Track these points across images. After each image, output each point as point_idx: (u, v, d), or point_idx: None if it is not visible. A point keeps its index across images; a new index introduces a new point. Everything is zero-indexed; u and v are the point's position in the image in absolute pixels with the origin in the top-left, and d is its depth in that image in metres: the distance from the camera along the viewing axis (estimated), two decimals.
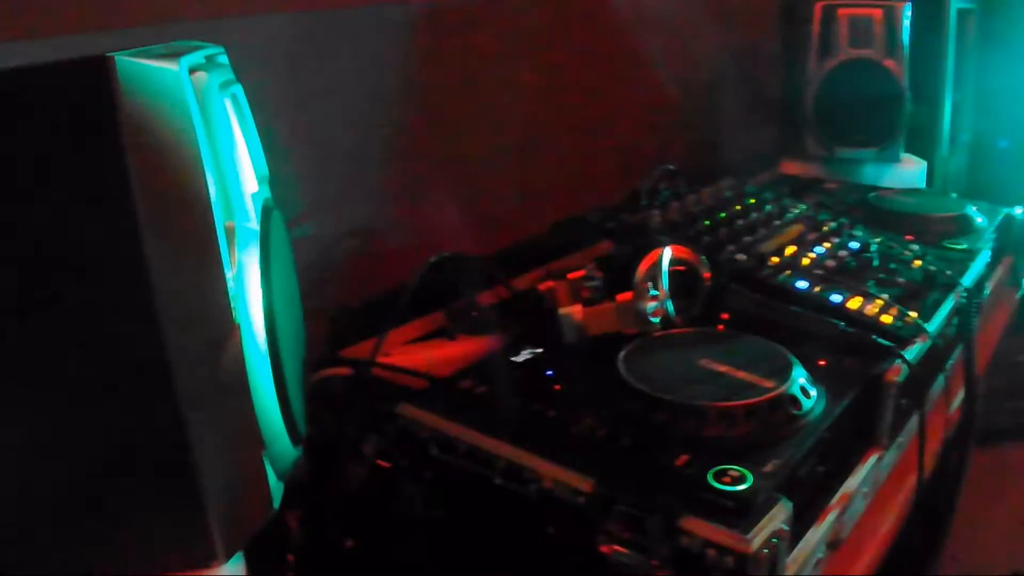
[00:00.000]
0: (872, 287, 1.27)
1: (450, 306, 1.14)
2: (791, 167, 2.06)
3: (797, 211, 1.54)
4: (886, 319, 1.18)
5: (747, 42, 2.11)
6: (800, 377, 0.81)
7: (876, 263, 1.35)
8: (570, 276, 1.17)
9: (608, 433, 0.75)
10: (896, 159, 1.88)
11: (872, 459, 0.93)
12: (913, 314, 1.20)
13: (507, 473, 0.71)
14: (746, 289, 1.18)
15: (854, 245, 1.42)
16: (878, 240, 1.45)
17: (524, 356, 0.97)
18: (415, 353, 1.06)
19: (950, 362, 1.17)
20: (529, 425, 0.76)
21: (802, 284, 1.24)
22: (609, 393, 0.81)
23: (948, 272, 1.35)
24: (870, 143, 1.87)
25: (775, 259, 1.32)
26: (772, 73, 2.07)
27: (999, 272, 1.48)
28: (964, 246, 1.38)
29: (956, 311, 1.26)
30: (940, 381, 1.24)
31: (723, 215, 1.45)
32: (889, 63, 1.75)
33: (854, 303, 1.20)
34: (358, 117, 1.12)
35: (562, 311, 1.12)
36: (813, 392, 0.81)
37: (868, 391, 0.92)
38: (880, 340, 1.09)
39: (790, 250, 1.36)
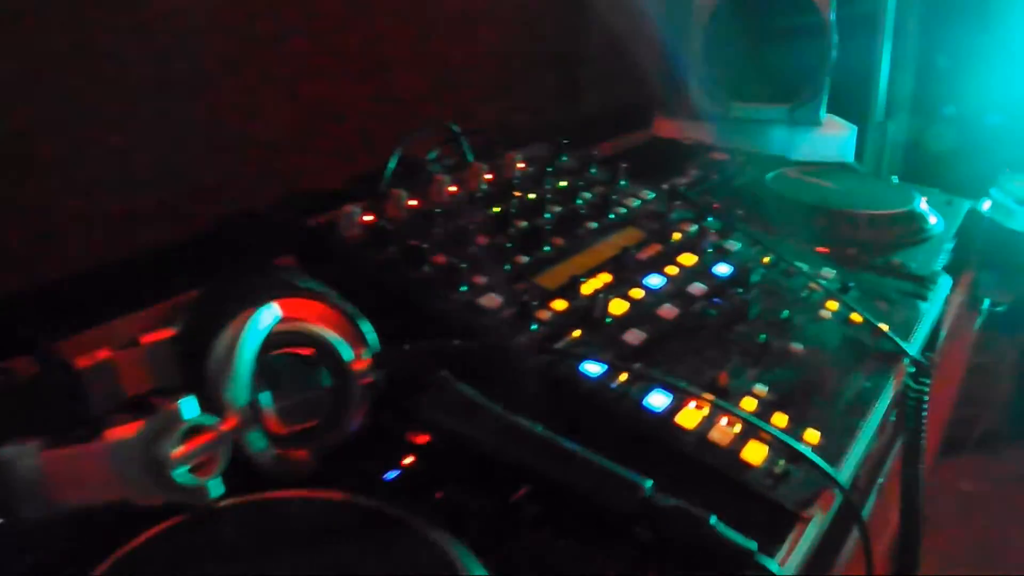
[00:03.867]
0: (738, 373, 0.63)
1: None
2: (666, 128, 1.55)
3: (635, 203, 0.88)
4: (752, 456, 0.54)
5: None
6: None
7: (755, 310, 0.70)
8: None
9: None
10: (815, 121, 1.42)
11: None
12: (812, 438, 0.57)
13: None
14: (464, 388, 0.53)
15: (722, 271, 0.77)
16: (767, 259, 0.81)
17: None
18: None
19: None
20: None
21: (594, 368, 0.58)
22: None
23: (885, 328, 0.72)
24: (778, 98, 1.41)
25: (560, 303, 0.66)
26: None
27: (957, 295, 0.87)
28: (912, 266, 0.94)
29: (897, 403, 0.65)
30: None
31: (497, 209, 0.78)
32: None
33: (689, 417, 0.56)
34: None
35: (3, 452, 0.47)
36: None
37: None
38: (733, 536, 0.44)
39: (597, 283, 0.70)
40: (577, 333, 0.65)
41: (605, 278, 0.74)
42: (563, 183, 0.92)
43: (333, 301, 0.55)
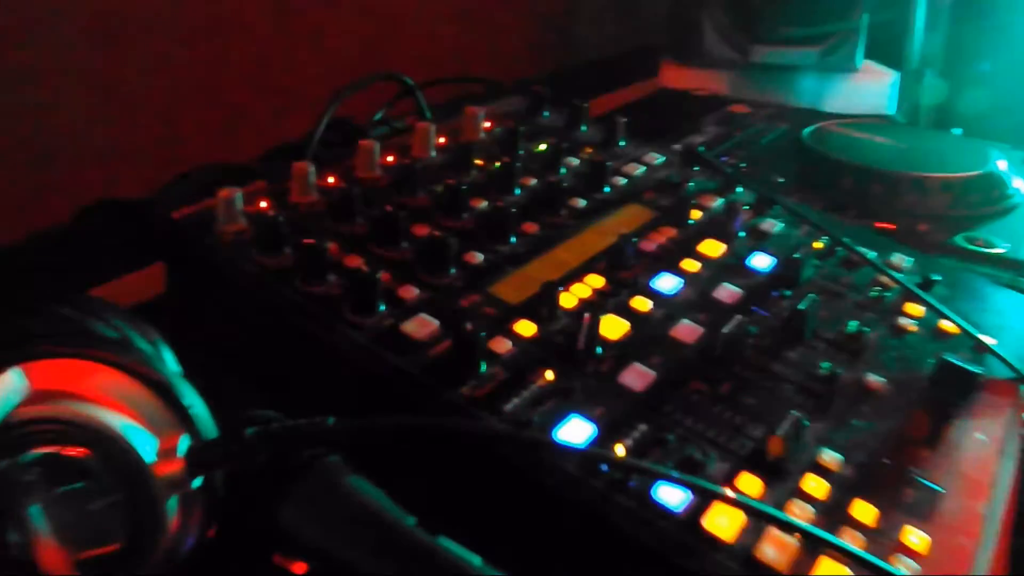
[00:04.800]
0: (795, 432, 0.39)
1: None
2: (676, 76, 1.29)
3: (639, 171, 0.65)
4: None
5: None
6: None
7: (812, 323, 0.47)
8: None
9: None
10: (850, 67, 1.20)
11: None
12: (920, 544, 0.36)
13: None
14: (356, 485, 0.31)
15: (761, 264, 0.54)
16: (819, 244, 0.58)
17: None
18: None
19: None
20: None
21: (576, 434, 0.35)
22: None
23: (990, 342, 0.49)
24: (807, 40, 1.18)
25: (527, 327, 0.43)
26: None
27: None
28: (1004, 246, 0.72)
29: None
30: None
31: (443, 186, 0.56)
32: None
33: (725, 521, 0.35)
34: None
35: None
36: None
37: None
38: None
39: (582, 291, 0.48)
40: (549, 375, 0.43)
41: (594, 283, 0.51)
42: (541, 146, 0.68)
43: (132, 361, 0.33)
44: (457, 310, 0.47)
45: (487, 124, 0.71)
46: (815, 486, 0.40)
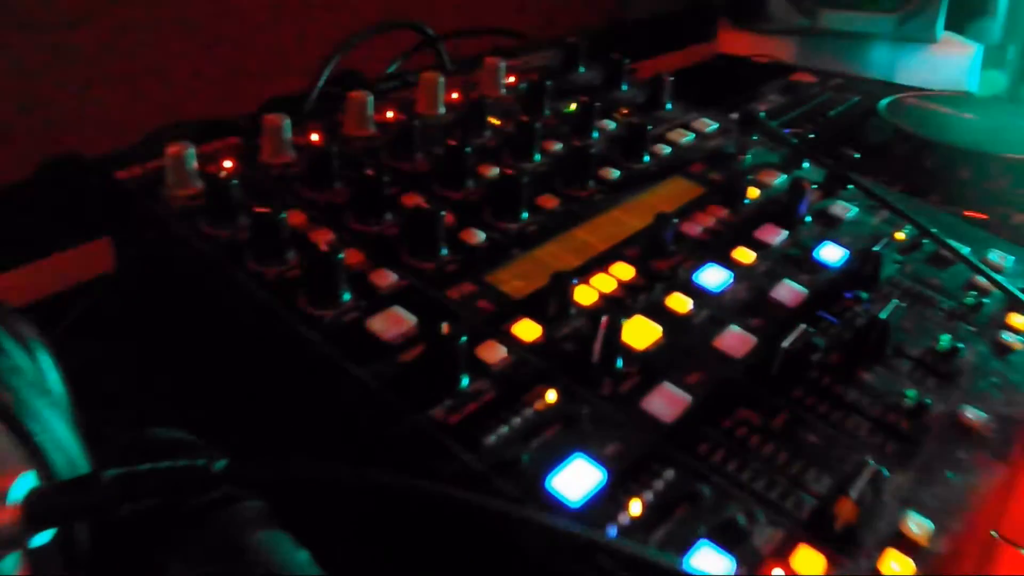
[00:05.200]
0: (870, 489, 0.29)
1: None
2: (734, 42, 1.17)
3: (686, 139, 0.55)
4: None
5: None
6: None
7: (896, 336, 0.36)
8: None
9: None
10: (929, 37, 1.07)
11: None
12: None
13: None
14: (274, 540, 0.24)
15: (831, 256, 0.43)
16: (901, 235, 0.46)
17: None
18: None
19: None
20: None
21: (574, 489, 0.25)
22: None
23: None
24: (882, 6, 1.06)
25: (529, 328, 0.33)
26: None
27: None
28: None
29: None
30: None
31: (444, 148, 0.45)
32: None
33: None
34: None
35: None
36: None
37: None
38: None
39: (604, 285, 0.37)
40: (551, 397, 0.33)
41: (622, 274, 0.41)
42: (571, 106, 0.58)
43: None
44: (439, 302, 0.37)
45: (510, 79, 0.61)
46: (898, 568, 0.29)
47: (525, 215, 0.45)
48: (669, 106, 0.62)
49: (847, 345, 0.39)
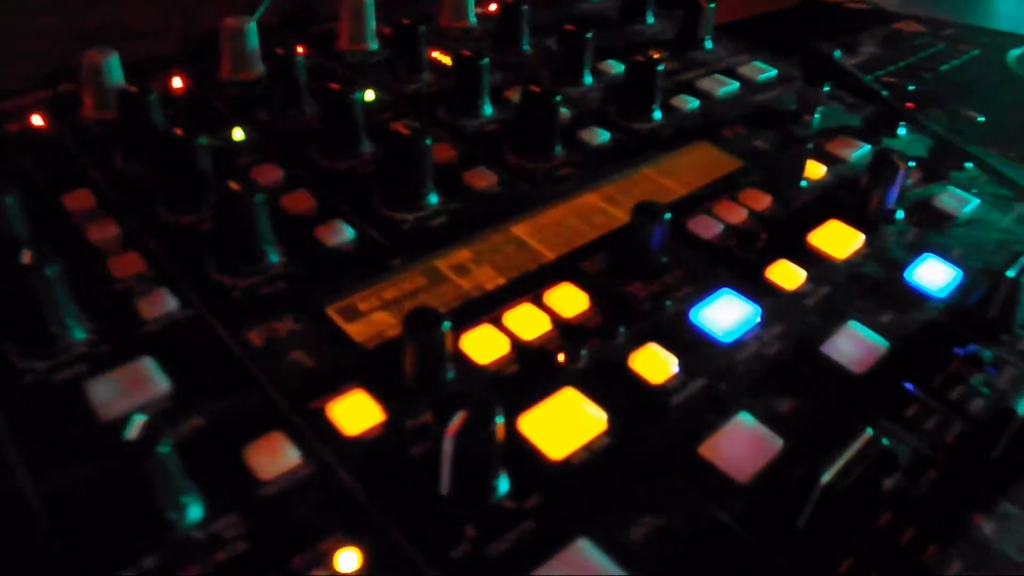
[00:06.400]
0: None
1: None
2: None
3: (725, 89, 0.36)
4: None
5: None
6: None
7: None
8: None
9: None
10: None
11: None
12: None
13: None
14: None
15: (933, 276, 0.24)
16: None
17: None
18: None
19: None
20: None
21: None
22: None
23: None
24: None
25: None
26: None
27: None
28: None
29: None
30: None
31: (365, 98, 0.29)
32: None
33: None
34: None
35: None
36: None
37: None
38: None
39: (502, 345, 0.20)
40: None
41: (567, 304, 0.24)
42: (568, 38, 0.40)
43: None
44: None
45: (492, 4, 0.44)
46: None
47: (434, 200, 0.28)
48: (709, 44, 0.44)
49: (954, 457, 0.21)
